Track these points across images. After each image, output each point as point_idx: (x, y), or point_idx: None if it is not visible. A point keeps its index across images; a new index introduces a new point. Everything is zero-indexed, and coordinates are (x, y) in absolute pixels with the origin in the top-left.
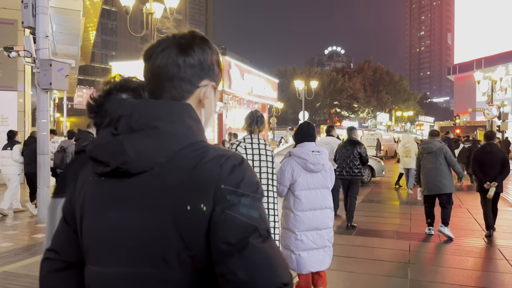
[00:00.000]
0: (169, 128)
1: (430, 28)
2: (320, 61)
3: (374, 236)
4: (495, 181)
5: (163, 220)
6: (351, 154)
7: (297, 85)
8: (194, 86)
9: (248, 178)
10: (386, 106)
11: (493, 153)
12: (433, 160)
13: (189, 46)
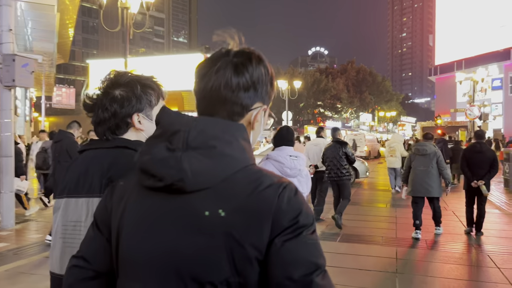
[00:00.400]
0: (227, 149)
1: (412, 29)
2: (304, 61)
3: (359, 242)
4: (483, 179)
5: (216, 245)
6: (337, 155)
7: (280, 85)
8: (246, 110)
9: (306, 209)
10: (369, 106)
11: (483, 152)
12: (425, 163)
13: (244, 67)
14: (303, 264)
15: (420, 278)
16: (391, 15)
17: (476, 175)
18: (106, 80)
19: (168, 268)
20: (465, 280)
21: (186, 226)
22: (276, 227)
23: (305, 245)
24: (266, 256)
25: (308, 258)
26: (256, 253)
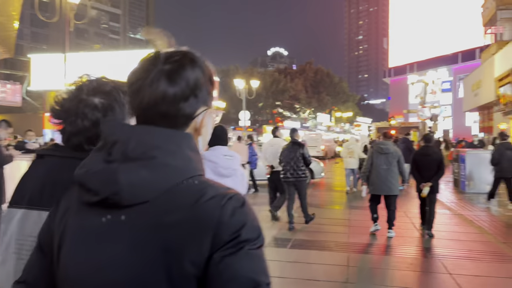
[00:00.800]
0: (169, 159)
1: (368, 33)
2: (263, 61)
3: (311, 248)
4: (430, 181)
5: (153, 260)
6: (295, 156)
7: (237, 84)
8: (189, 119)
9: (251, 222)
10: (326, 107)
11: (430, 155)
12: (387, 162)
13: (178, 75)
14: (241, 281)
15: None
16: (348, 18)
17: (424, 178)
18: (83, 86)
19: (105, 286)
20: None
21: (123, 244)
22: (217, 241)
23: (246, 261)
24: (204, 273)
25: (247, 274)
26: (195, 270)
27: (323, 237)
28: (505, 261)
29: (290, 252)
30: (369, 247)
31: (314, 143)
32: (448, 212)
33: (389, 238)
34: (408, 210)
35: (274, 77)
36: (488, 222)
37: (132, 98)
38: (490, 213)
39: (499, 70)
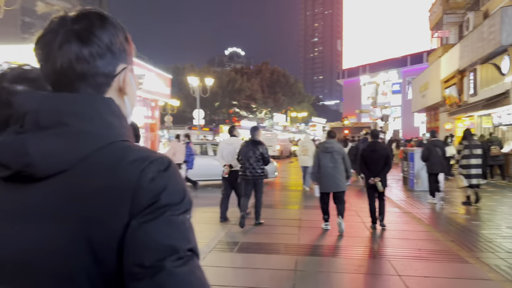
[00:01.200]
0: (86, 126)
1: (323, 35)
2: (220, 61)
3: (258, 251)
4: (379, 176)
5: (73, 233)
6: (254, 154)
7: (191, 82)
8: (110, 78)
9: (173, 186)
10: (282, 107)
11: (377, 150)
12: (333, 160)
13: (90, 33)
14: (157, 248)
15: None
16: (304, 20)
17: (373, 173)
18: (5, 74)
19: (29, 267)
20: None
21: (42, 217)
22: (135, 207)
23: (165, 227)
24: (123, 241)
25: (164, 241)
26: (116, 238)
27: (273, 239)
28: (453, 261)
29: (235, 256)
30: (319, 249)
31: (269, 142)
32: (398, 210)
33: (339, 234)
34: (360, 209)
35: (230, 77)
36: (435, 220)
37: (43, 64)
38: (438, 211)
39: (445, 72)
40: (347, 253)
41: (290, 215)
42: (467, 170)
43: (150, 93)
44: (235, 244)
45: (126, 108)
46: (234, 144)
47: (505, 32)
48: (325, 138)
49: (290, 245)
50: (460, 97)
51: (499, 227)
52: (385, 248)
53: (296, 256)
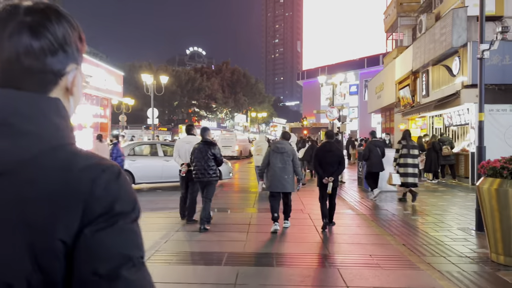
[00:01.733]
0: (30, 126)
1: (284, 36)
2: (181, 60)
3: (198, 262)
4: (332, 176)
5: (13, 239)
6: (206, 155)
7: (145, 79)
8: (58, 76)
9: (125, 195)
10: (243, 107)
11: (332, 151)
12: (283, 160)
13: (43, 27)
14: (113, 256)
15: None
16: (265, 21)
17: (326, 172)
18: None
19: None
20: None
21: None
22: (88, 215)
23: (119, 235)
24: (74, 249)
25: (119, 250)
26: (63, 246)
27: (216, 247)
28: (404, 267)
29: (173, 269)
30: (265, 258)
31: (228, 143)
32: (351, 212)
33: (284, 228)
34: (312, 212)
35: (190, 76)
36: (388, 222)
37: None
38: (391, 212)
39: (399, 74)
40: (294, 262)
41: (240, 219)
42: (404, 168)
43: (100, 90)
44: (174, 254)
45: (70, 108)
46: (192, 142)
47: (456, 33)
48: (280, 138)
49: (234, 254)
50: (413, 98)
51: (450, 229)
52: (335, 255)
53: (239, 267)
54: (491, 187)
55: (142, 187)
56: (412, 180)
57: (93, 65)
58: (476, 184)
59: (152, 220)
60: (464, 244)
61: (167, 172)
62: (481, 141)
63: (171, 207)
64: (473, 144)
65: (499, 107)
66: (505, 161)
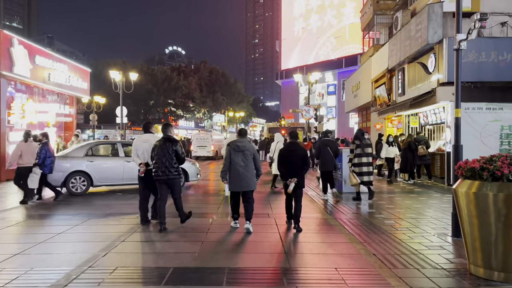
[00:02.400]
0: None
1: (264, 36)
2: (161, 60)
3: (135, 280)
4: (296, 177)
5: None
6: (167, 153)
7: (113, 76)
8: None
9: None
10: (221, 107)
11: (295, 151)
12: (244, 159)
13: None
14: None
15: None
16: (245, 21)
17: (290, 173)
18: None
19: None
20: None
21: None
22: None
23: None
24: None
25: None
26: None
27: (161, 261)
28: (372, 284)
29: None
30: (215, 274)
31: (203, 143)
32: (320, 216)
33: (246, 233)
34: (278, 216)
35: (166, 74)
36: (359, 227)
37: None
38: (363, 216)
39: (375, 72)
40: (248, 279)
41: (198, 226)
42: (359, 168)
43: (63, 87)
44: (109, 271)
45: None
46: (150, 141)
47: (432, 29)
48: (236, 136)
49: (180, 270)
50: (389, 96)
51: (425, 235)
52: (297, 269)
53: (184, 286)
54: (469, 190)
55: (101, 190)
56: (367, 179)
57: (54, 60)
58: (452, 186)
59: (99, 228)
60: (440, 252)
61: (129, 174)
62: (458, 139)
63: (125, 212)
64: (449, 143)
65: (475, 105)
66: (484, 161)
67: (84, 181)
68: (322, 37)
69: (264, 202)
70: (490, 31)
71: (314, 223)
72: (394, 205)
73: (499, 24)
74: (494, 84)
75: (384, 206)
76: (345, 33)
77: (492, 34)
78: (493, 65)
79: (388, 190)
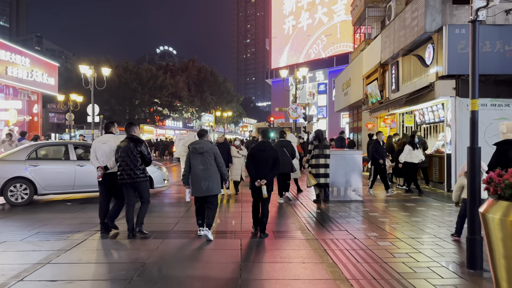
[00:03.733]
0: None
1: (255, 36)
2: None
3: None
4: (265, 178)
5: None
6: (131, 154)
7: (83, 71)
8: None
9: None
10: (210, 106)
11: (266, 150)
12: (203, 161)
13: None
14: None
15: None
16: (237, 21)
17: (259, 174)
18: None
19: None
20: None
21: None
22: None
23: None
24: None
25: None
26: None
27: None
28: None
29: None
30: None
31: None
32: (300, 235)
33: (206, 241)
34: (244, 226)
35: (152, 73)
36: (346, 253)
37: None
38: (352, 234)
39: (367, 67)
40: None
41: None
42: (316, 169)
43: (22, 82)
44: None
45: None
46: (109, 142)
47: (430, 16)
48: (197, 137)
49: None
50: (382, 93)
51: (432, 265)
52: None
53: None
54: (507, 218)
55: (49, 199)
56: (323, 181)
57: (13, 52)
58: (480, 209)
59: (8, 257)
60: None
61: (82, 180)
62: (475, 139)
63: (58, 231)
64: (449, 144)
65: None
66: None
67: (26, 189)
68: (312, 35)
69: (232, 208)
70: (494, 19)
71: (290, 245)
72: (388, 218)
73: (503, 12)
74: (499, 78)
75: (377, 219)
76: (336, 31)
77: (495, 22)
78: (498, 56)
79: (381, 198)
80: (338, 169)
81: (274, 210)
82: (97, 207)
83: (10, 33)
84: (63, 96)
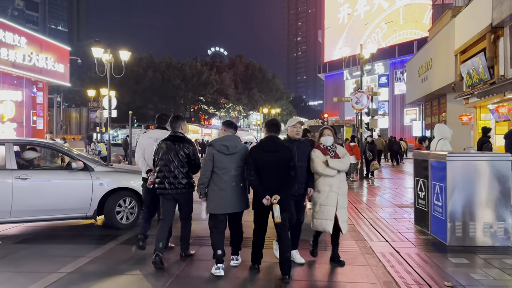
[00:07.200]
0: None
1: (306, 34)
2: (203, 60)
3: None
4: (277, 193)
5: None
6: (176, 157)
7: (96, 55)
8: None
9: None
10: (258, 104)
11: (278, 152)
12: (235, 165)
13: None
14: None
15: None
16: (287, 19)
17: (267, 188)
18: None
19: None
20: None
21: None
22: None
23: None
24: None
25: None
26: None
27: None
28: None
29: None
30: None
31: None
32: None
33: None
34: None
35: (196, 69)
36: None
37: None
38: None
39: (463, 38)
40: None
41: None
42: None
43: (31, 70)
44: None
45: None
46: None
47: None
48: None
49: None
50: (491, 70)
51: None
52: None
53: None
54: None
55: None
56: None
57: (5, 28)
58: None
59: None
60: None
61: (25, 201)
62: None
63: None
64: None
65: None
66: None
67: None
68: (371, 23)
69: None
70: None
71: None
72: None
73: None
74: None
75: None
76: (398, 17)
77: None
78: None
79: None
80: (466, 188)
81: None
82: (47, 249)
83: (69, 37)
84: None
